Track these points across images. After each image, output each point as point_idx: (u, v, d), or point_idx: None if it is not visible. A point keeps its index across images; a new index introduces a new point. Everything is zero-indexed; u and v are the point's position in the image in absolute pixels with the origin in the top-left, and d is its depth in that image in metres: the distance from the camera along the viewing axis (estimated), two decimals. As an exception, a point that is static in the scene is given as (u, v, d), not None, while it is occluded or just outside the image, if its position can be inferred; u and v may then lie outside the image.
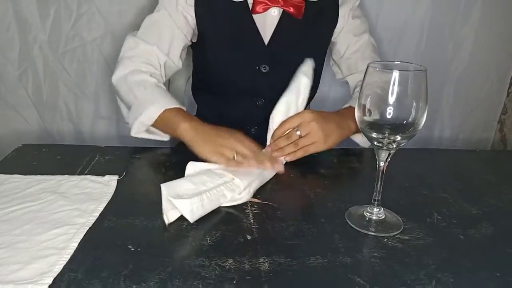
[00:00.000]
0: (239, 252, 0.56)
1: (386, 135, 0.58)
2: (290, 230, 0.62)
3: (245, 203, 0.68)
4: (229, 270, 0.52)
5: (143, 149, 0.92)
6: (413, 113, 0.56)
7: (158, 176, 0.78)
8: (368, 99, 0.57)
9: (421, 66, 0.57)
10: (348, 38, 1.05)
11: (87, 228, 0.60)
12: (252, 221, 0.64)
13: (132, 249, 0.56)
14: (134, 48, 0.94)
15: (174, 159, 0.88)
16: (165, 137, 0.90)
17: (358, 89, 1.02)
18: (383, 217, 0.65)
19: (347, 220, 0.65)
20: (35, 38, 1.27)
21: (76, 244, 0.56)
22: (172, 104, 0.84)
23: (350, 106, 0.93)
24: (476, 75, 1.45)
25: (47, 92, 1.33)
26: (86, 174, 0.77)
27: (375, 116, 0.57)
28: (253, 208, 0.67)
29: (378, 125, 0.58)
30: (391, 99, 0.55)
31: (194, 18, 0.95)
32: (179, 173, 0.80)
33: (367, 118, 0.58)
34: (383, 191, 0.64)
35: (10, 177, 0.75)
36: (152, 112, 0.83)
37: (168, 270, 0.52)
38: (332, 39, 1.06)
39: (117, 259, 0.54)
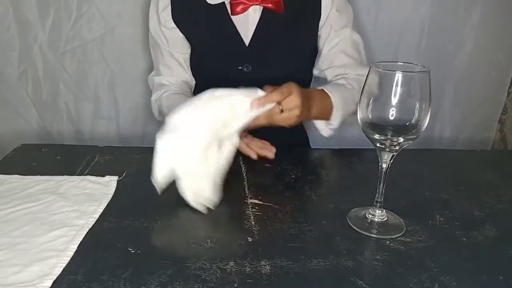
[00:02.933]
0: (240, 255, 0.55)
1: (389, 136, 0.57)
2: (292, 232, 0.61)
3: (245, 205, 0.68)
4: (230, 273, 0.52)
5: (143, 149, 0.92)
6: (416, 114, 0.55)
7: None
8: (371, 100, 0.57)
9: (424, 67, 0.56)
10: (327, 33, 1.00)
11: (87, 229, 0.60)
12: (253, 223, 0.63)
13: (132, 251, 0.56)
14: (152, 85, 1.08)
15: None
16: None
17: (340, 80, 0.99)
18: (385, 219, 0.64)
19: (348, 222, 0.64)
20: (35, 38, 1.27)
21: (75, 246, 0.56)
22: None
23: (322, 89, 0.91)
24: (476, 75, 1.45)
25: (47, 92, 1.33)
26: (86, 175, 0.77)
27: (378, 117, 0.57)
28: (254, 210, 0.67)
29: (380, 127, 0.57)
30: (394, 100, 0.55)
31: (177, 28, 0.97)
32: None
33: (369, 119, 0.57)
34: (383, 192, 0.64)
35: (10, 177, 0.75)
36: None
37: (168, 273, 0.51)
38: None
39: (117, 262, 0.53)
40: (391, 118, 0.56)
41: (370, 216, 0.64)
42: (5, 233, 0.59)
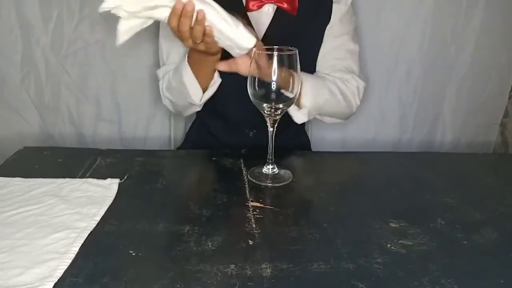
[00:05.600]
0: (241, 258, 0.55)
1: (273, 105, 0.73)
2: (292, 235, 0.61)
3: (246, 208, 0.68)
4: (231, 276, 0.52)
5: (144, 152, 0.92)
6: (290, 86, 0.72)
7: (159, 179, 0.77)
8: (256, 77, 0.71)
9: (293, 49, 0.71)
10: (327, 38, 1.02)
11: (88, 232, 0.60)
12: (254, 225, 0.63)
13: (133, 254, 0.56)
14: (160, 75, 1.04)
15: (176, 162, 0.88)
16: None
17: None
18: (276, 172, 0.78)
19: (249, 177, 0.77)
20: (38, 41, 1.27)
21: (77, 249, 0.56)
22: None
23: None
24: (478, 78, 1.45)
25: (49, 95, 1.34)
26: (87, 177, 0.77)
27: (264, 90, 0.71)
28: (255, 213, 0.67)
29: (266, 97, 0.72)
30: (274, 76, 0.70)
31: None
32: (181, 177, 0.80)
33: (258, 92, 0.72)
34: (384, 195, 0.64)
35: (11, 180, 0.75)
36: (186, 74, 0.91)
37: (169, 276, 0.51)
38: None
39: (118, 264, 0.54)
40: (273, 89, 0.71)
41: (265, 170, 0.78)
42: (7, 235, 0.59)
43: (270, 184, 0.76)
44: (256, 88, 0.72)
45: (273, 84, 0.71)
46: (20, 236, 0.59)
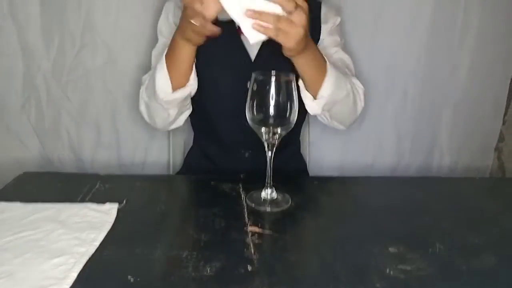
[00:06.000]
0: (240, 283, 0.55)
1: (271, 129, 0.73)
2: (291, 260, 0.61)
3: (245, 233, 0.68)
4: (230, 302, 0.52)
5: (143, 177, 0.93)
6: (288, 110, 0.72)
7: (158, 204, 0.78)
8: (255, 101, 0.72)
9: (290, 74, 0.73)
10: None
11: (87, 257, 0.60)
12: (252, 251, 0.63)
13: (132, 280, 0.55)
14: (146, 79, 1.01)
15: (174, 187, 0.88)
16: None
17: None
18: (275, 196, 0.78)
19: (248, 202, 0.78)
20: (39, 66, 1.29)
21: (75, 274, 0.56)
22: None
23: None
24: (473, 102, 1.47)
25: (50, 120, 1.35)
26: (86, 202, 0.77)
27: (262, 114, 0.72)
28: (253, 238, 0.67)
29: (264, 122, 0.73)
30: (272, 101, 0.71)
31: None
32: (180, 201, 0.80)
33: (256, 116, 0.72)
34: (383, 220, 0.64)
35: (11, 205, 0.75)
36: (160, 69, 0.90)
37: (168, 302, 0.51)
38: None
39: (117, 290, 0.53)
40: (271, 113, 0.72)
41: (264, 195, 0.78)
42: (6, 261, 0.59)
43: (269, 209, 0.76)
44: (255, 112, 0.73)
45: (271, 108, 0.71)
46: (19, 262, 0.59)
